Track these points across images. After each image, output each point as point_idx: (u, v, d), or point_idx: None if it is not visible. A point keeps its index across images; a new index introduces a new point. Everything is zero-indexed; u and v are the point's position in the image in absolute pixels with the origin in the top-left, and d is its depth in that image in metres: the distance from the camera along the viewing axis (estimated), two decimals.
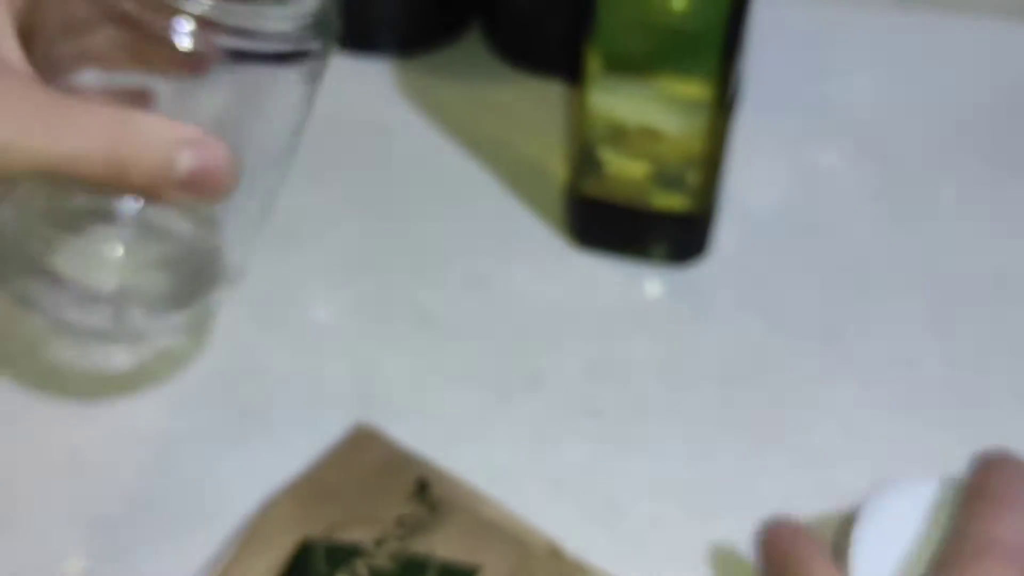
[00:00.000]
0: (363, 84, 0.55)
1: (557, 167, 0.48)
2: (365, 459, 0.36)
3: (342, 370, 0.40)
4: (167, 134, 0.27)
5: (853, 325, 0.44)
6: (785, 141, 0.52)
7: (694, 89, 0.39)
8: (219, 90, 0.29)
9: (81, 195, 0.31)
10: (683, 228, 0.44)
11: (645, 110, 0.40)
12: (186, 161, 0.27)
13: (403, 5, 0.55)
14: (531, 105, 0.51)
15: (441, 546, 0.33)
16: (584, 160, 0.43)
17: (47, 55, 0.28)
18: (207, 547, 0.34)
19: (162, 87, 0.29)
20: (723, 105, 0.40)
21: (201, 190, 0.27)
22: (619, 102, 0.40)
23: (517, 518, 0.35)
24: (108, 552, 0.34)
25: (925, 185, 0.50)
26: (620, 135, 0.41)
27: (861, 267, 0.46)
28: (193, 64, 0.28)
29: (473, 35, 0.58)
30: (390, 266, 0.43)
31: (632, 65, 0.39)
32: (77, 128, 0.26)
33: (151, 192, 0.27)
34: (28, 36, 0.28)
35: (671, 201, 0.43)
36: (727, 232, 0.46)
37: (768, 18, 0.44)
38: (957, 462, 0.38)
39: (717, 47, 0.38)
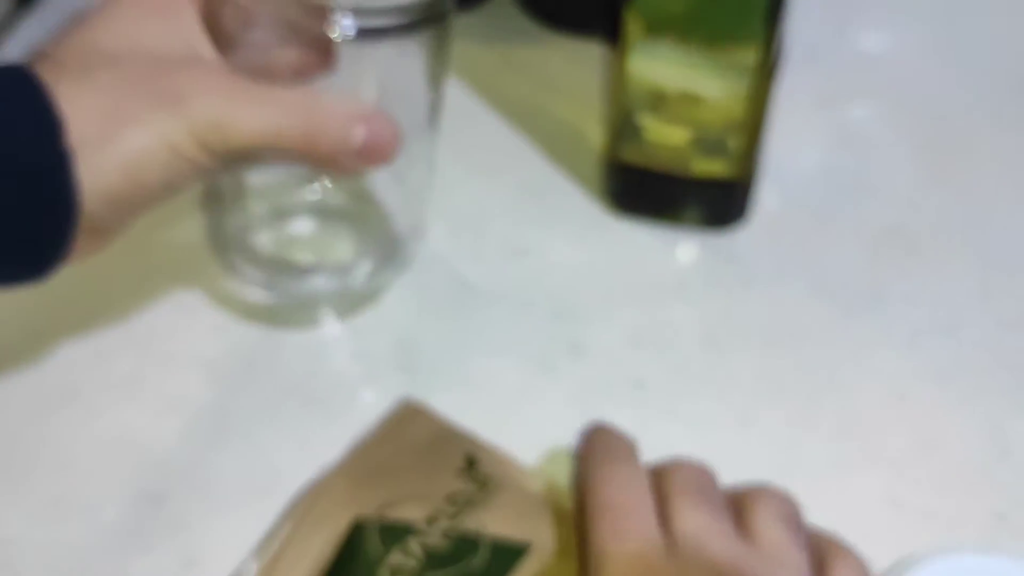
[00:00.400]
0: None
1: (594, 132, 0.48)
2: (413, 435, 0.36)
3: (384, 343, 0.41)
4: (345, 110, 0.31)
5: (897, 288, 0.43)
6: (823, 99, 0.51)
7: (738, 53, 0.39)
8: (359, 68, 0.33)
9: (282, 193, 0.39)
10: (723, 193, 0.44)
11: (686, 75, 0.40)
12: (360, 133, 0.31)
13: None
14: (566, 67, 0.51)
15: (491, 523, 0.33)
16: (623, 126, 0.42)
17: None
18: (259, 523, 0.34)
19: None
20: (767, 69, 0.39)
21: (372, 157, 0.31)
22: (659, 67, 0.40)
23: (564, 492, 0.35)
24: (161, 528, 0.35)
25: (968, 142, 0.50)
26: (660, 100, 0.41)
27: (904, 228, 0.46)
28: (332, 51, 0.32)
29: None
30: (427, 236, 0.43)
31: (674, 28, 0.39)
32: (277, 107, 0.30)
33: (333, 161, 0.31)
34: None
35: (712, 167, 0.42)
36: (767, 195, 0.46)
37: None
38: (1005, 430, 0.37)
39: (762, 9, 0.37)
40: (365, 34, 0.31)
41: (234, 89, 0.30)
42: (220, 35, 0.32)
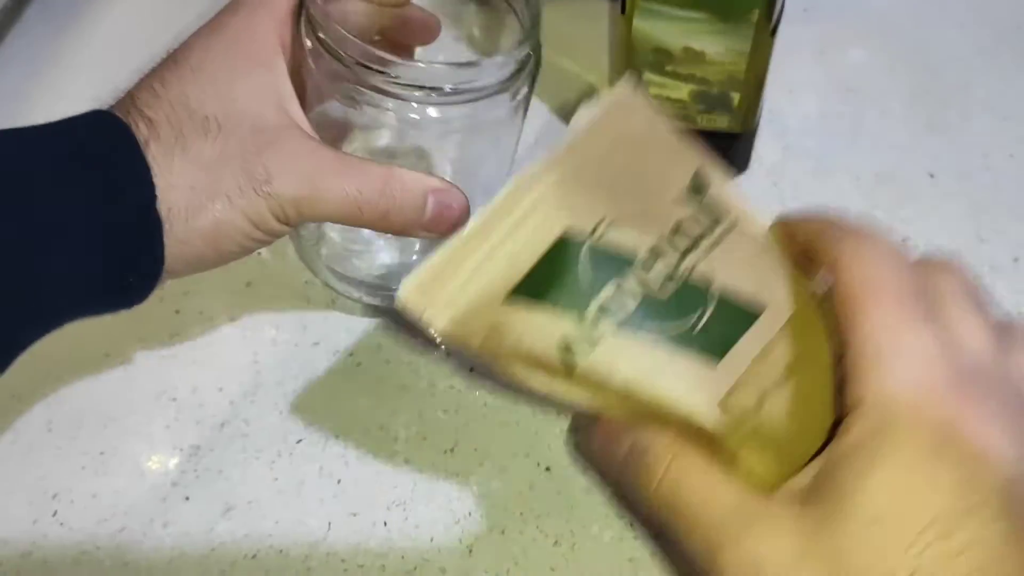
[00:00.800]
0: None
1: (601, 87, 0.49)
2: (635, 130, 0.30)
3: None
4: (421, 186, 0.32)
5: (892, 234, 0.45)
6: (821, 49, 0.53)
7: (740, 12, 0.40)
8: (452, 130, 0.34)
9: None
10: (725, 145, 0.45)
11: (689, 33, 0.41)
12: (431, 208, 0.32)
13: None
14: (573, 24, 0.51)
15: (723, 272, 0.27)
16: None
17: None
18: (292, 468, 0.37)
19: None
20: (768, 27, 0.40)
21: (440, 228, 0.32)
22: (663, 26, 0.41)
23: (783, 253, 0.29)
24: (200, 477, 0.37)
25: (961, 90, 0.51)
26: (664, 58, 0.42)
27: (898, 174, 0.47)
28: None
29: None
30: None
31: None
32: (356, 184, 0.31)
33: (404, 232, 0.33)
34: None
35: (715, 122, 0.44)
36: (766, 145, 0.47)
37: None
38: None
39: None
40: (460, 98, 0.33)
41: (318, 168, 0.31)
42: (302, 92, 0.34)
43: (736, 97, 0.43)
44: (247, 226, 0.31)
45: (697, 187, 0.29)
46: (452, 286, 0.28)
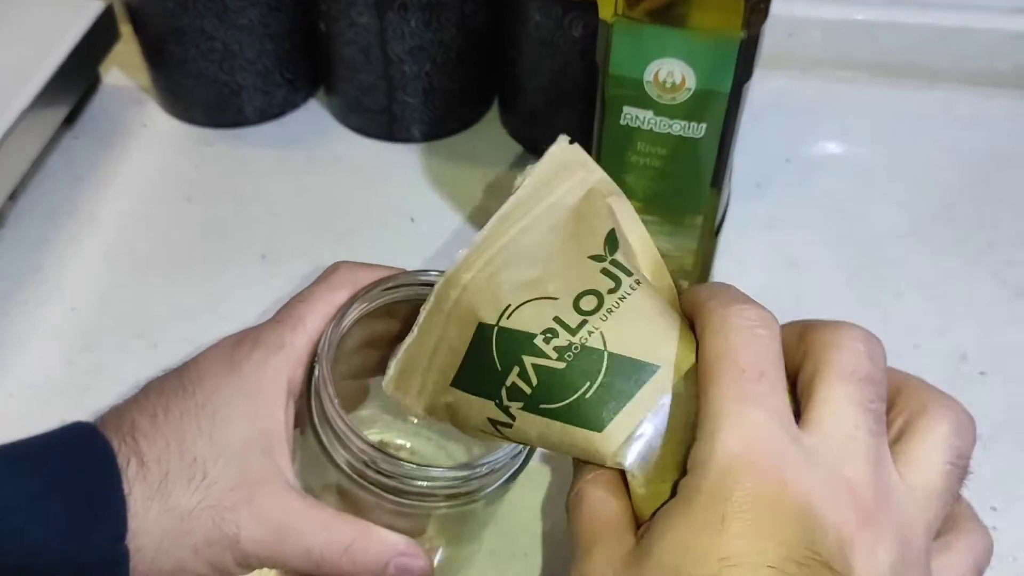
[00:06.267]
0: (396, 165, 0.61)
1: None
2: (563, 199, 0.32)
3: None
4: (384, 553, 0.33)
5: None
6: (767, 225, 0.58)
7: (686, 218, 0.45)
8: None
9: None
10: None
11: None
12: (391, 571, 0.34)
13: (428, 102, 0.61)
14: None
15: (617, 335, 0.29)
16: None
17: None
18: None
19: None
20: (712, 227, 0.46)
21: None
22: None
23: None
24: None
25: (896, 268, 0.56)
26: None
27: None
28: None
29: (492, 117, 0.64)
30: None
31: (635, 199, 0.45)
32: (320, 543, 0.33)
33: None
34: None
35: None
36: None
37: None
38: None
39: (707, 187, 0.44)
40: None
41: (286, 523, 0.32)
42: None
43: (686, 284, 0.48)
44: (208, 571, 0.33)
45: (611, 243, 0.30)
46: (418, 376, 0.32)
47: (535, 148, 0.60)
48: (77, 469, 0.31)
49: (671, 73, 0.40)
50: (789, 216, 0.59)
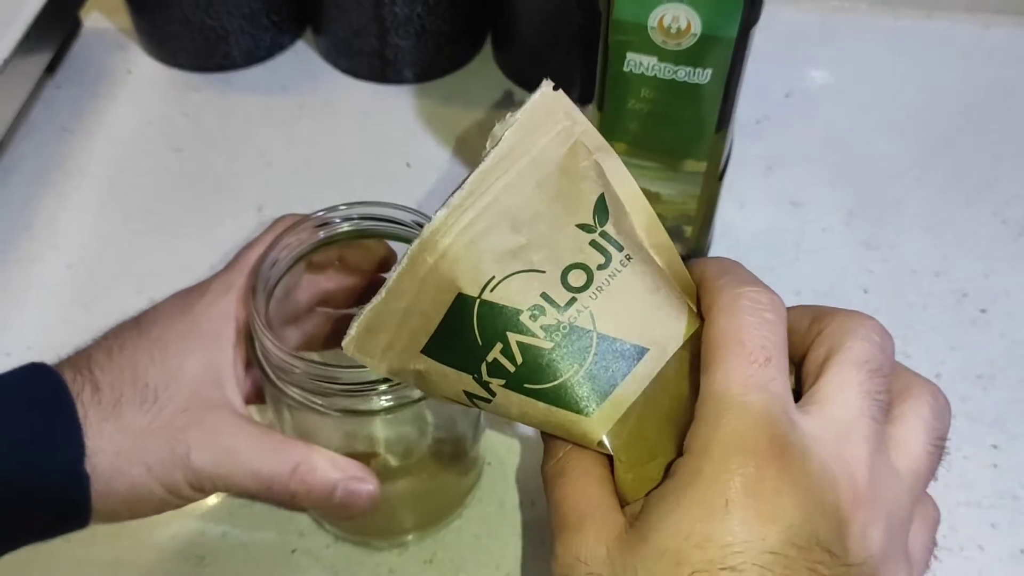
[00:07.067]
0: (389, 108, 0.60)
1: None
2: (547, 153, 0.29)
3: None
4: (332, 475, 0.35)
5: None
6: (767, 165, 0.57)
7: (689, 163, 0.44)
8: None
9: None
10: None
11: (646, 178, 0.45)
12: (339, 495, 0.35)
13: (420, 44, 0.60)
14: None
15: (607, 314, 0.28)
16: None
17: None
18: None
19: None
20: (716, 172, 0.45)
21: (345, 510, 0.35)
22: None
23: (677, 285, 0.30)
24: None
25: (894, 207, 0.56)
26: None
27: (837, 290, 0.52)
28: None
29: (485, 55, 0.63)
30: None
31: (630, 143, 0.44)
32: (269, 465, 0.34)
33: (306, 506, 0.35)
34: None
35: None
36: (719, 248, 0.52)
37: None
38: None
39: (711, 131, 0.43)
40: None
41: (236, 446, 0.34)
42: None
43: (688, 229, 0.48)
44: (162, 492, 0.33)
45: (601, 212, 0.29)
46: (383, 338, 0.30)
47: (530, 87, 0.58)
48: (32, 399, 0.33)
49: (676, 18, 0.39)
50: (789, 153, 0.58)
